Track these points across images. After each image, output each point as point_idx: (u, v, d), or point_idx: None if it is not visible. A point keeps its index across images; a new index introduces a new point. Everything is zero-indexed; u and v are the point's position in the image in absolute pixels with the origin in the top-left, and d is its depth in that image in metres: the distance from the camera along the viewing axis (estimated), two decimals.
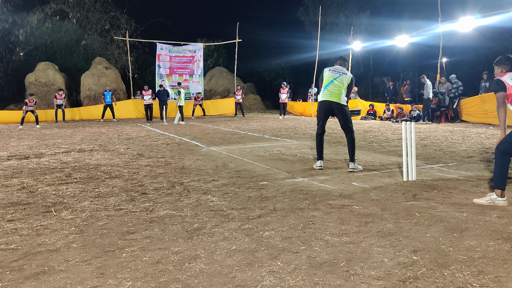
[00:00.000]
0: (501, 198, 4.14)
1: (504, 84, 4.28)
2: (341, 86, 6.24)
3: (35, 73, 23.46)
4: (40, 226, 3.67)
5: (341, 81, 6.25)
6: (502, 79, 4.31)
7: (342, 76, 6.29)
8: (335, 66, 6.49)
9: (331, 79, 6.29)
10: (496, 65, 4.57)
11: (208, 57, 32.47)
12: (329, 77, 6.32)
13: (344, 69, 6.44)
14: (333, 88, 6.24)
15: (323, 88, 6.36)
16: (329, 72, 6.37)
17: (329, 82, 6.28)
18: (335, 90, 6.24)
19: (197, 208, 4.18)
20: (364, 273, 2.61)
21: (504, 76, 4.33)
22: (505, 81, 4.29)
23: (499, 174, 4.18)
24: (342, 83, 6.24)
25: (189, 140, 10.46)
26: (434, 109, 15.65)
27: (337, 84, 6.24)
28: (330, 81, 6.29)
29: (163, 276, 2.62)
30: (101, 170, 6.42)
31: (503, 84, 4.28)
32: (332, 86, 6.26)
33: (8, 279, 2.62)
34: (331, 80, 6.29)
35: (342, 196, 4.57)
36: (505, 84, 4.28)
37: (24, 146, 9.78)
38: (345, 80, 6.27)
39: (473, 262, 2.74)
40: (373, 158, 7.18)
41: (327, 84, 6.29)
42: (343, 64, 6.56)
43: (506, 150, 4.18)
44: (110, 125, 16.49)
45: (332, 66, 6.52)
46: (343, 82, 6.26)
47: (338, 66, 6.47)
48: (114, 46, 30.97)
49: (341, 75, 6.30)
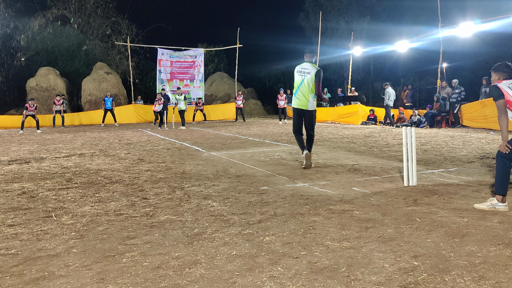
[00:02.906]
0: (502, 203, 4.14)
1: (501, 90, 4.31)
2: (307, 89, 6.35)
3: (36, 78, 23.53)
4: (41, 231, 3.67)
5: (306, 83, 6.34)
6: (499, 86, 4.33)
7: (306, 77, 6.34)
8: (302, 65, 6.50)
9: (299, 83, 6.42)
10: (494, 71, 4.59)
11: (209, 62, 32.59)
12: (297, 81, 6.45)
13: (310, 66, 6.42)
14: (300, 94, 6.41)
15: (294, 93, 6.55)
16: (297, 75, 6.47)
17: (297, 87, 6.44)
18: (302, 96, 6.41)
19: (197, 213, 4.18)
20: (364, 279, 2.60)
21: (501, 83, 4.36)
22: (502, 88, 4.32)
23: (500, 180, 4.17)
24: (307, 85, 6.33)
25: (189, 145, 10.47)
26: (435, 114, 15.67)
27: (303, 89, 6.38)
28: (298, 86, 6.44)
29: (164, 281, 2.61)
30: (102, 175, 6.43)
31: (500, 91, 4.31)
32: (299, 92, 6.42)
33: (8, 284, 2.61)
34: (298, 85, 6.43)
35: (342, 201, 4.57)
36: (502, 90, 4.31)
37: (25, 151, 9.79)
38: (310, 80, 6.32)
39: (474, 268, 2.74)
40: (374, 163, 7.18)
41: (296, 90, 6.47)
42: (311, 57, 6.58)
43: (507, 155, 4.17)
44: (110, 130, 16.51)
45: (300, 65, 6.53)
46: (308, 84, 6.34)
47: (305, 64, 6.49)
48: (115, 51, 31.08)
49: (306, 76, 6.34)
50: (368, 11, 31.35)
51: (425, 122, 15.55)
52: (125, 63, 28.72)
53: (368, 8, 31.49)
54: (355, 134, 13.29)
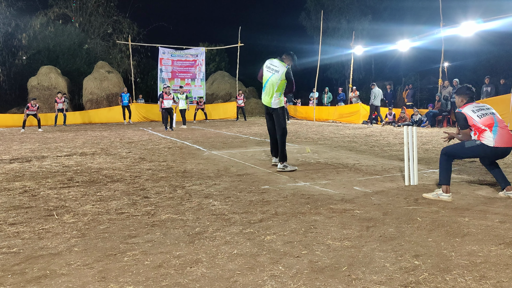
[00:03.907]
0: (446, 193, 4.50)
1: (465, 116, 4.52)
2: (272, 87, 6.25)
3: (37, 77, 23.54)
4: (42, 229, 3.67)
5: (272, 82, 6.24)
6: (462, 111, 4.55)
7: (274, 75, 6.23)
8: (272, 60, 6.37)
9: (266, 80, 6.35)
10: (456, 94, 4.81)
11: (210, 61, 32.59)
12: (264, 78, 6.38)
13: (279, 64, 6.27)
14: (266, 92, 6.36)
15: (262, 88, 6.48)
16: (265, 70, 6.37)
17: (264, 85, 6.38)
18: (266, 94, 6.35)
19: (198, 212, 4.18)
20: (365, 278, 2.60)
21: (465, 108, 4.56)
22: (466, 113, 4.53)
23: (443, 171, 4.55)
24: (273, 84, 6.24)
25: (191, 144, 10.48)
26: (436, 113, 15.66)
27: (268, 86, 6.30)
28: (265, 83, 6.37)
29: (165, 280, 2.62)
30: (103, 173, 6.43)
31: (464, 116, 4.53)
32: (265, 89, 6.36)
33: (10, 282, 2.62)
34: (265, 82, 6.36)
35: (343, 200, 4.57)
36: (466, 116, 4.52)
37: (26, 149, 9.80)
38: (277, 79, 6.21)
39: (475, 267, 2.74)
40: (375, 163, 7.18)
41: (263, 86, 6.41)
42: (285, 58, 6.39)
43: (451, 153, 4.57)
44: (112, 129, 16.51)
45: (270, 60, 6.41)
46: (274, 83, 6.24)
47: (274, 61, 6.35)
48: (117, 50, 31.10)
49: (273, 74, 6.23)
50: (369, 10, 31.32)
51: (426, 122, 15.55)
52: (126, 62, 28.72)
53: (370, 7, 31.46)
54: (356, 133, 13.28)
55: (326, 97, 23.20)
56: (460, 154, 4.63)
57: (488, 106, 4.62)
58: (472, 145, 4.46)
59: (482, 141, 4.42)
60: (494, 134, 4.37)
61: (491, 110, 4.55)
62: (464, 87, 4.72)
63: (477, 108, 4.49)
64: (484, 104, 4.64)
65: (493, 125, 4.40)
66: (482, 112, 4.46)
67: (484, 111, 4.49)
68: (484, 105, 4.62)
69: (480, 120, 4.42)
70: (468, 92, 4.63)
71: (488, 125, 4.39)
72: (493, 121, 4.42)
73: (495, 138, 4.36)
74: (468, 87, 4.69)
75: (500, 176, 4.67)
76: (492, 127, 4.39)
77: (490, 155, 4.48)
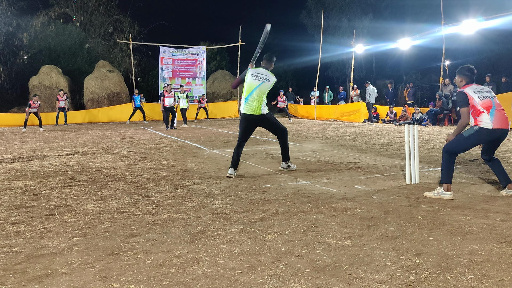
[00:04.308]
0: (447, 192, 4.51)
1: (467, 96, 4.51)
2: (262, 95, 5.99)
3: (38, 76, 23.55)
4: (43, 229, 3.68)
5: (262, 90, 5.97)
6: (465, 91, 4.54)
7: (264, 83, 5.98)
8: (258, 69, 6.09)
9: (253, 88, 5.96)
10: (457, 73, 4.77)
11: (211, 60, 32.56)
12: (251, 85, 5.98)
13: (268, 74, 6.06)
14: (253, 100, 5.96)
15: (244, 99, 6.02)
16: (251, 78, 6.00)
17: (251, 92, 5.96)
18: (255, 102, 5.97)
19: (199, 211, 4.18)
20: (367, 277, 2.60)
21: (467, 88, 4.56)
22: (468, 93, 4.52)
23: (445, 170, 4.55)
24: (263, 92, 5.99)
25: (191, 143, 10.48)
26: (437, 112, 15.64)
27: (258, 94, 5.96)
28: (252, 90, 5.96)
29: (166, 279, 2.62)
30: (104, 173, 6.44)
31: (465, 97, 4.51)
32: (252, 97, 5.96)
33: (12, 281, 2.62)
34: (252, 90, 5.96)
35: (344, 199, 4.57)
36: (467, 96, 4.51)
37: (28, 148, 9.81)
38: (267, 88, 6.01)
39: (477, 266, 2.73)
40: (376, 161, 7.17)
41: (249, 95, 5.98)
42: (268, 65, 6.18)
43: (453, 149, 4.54)
44: (113, 128, 16.52)
45: (256, 69, 6.10)
46: (264, 91, 6.00)
47: (261, 69, 6.09)
48: (117, 49, 31.09)
49: (263, 82, 5.98)
50: (370, 8, 31.28)
51: (428, 120, 15.53)
52: (127, 61, 28.72)
53: (370, 5, 31.42)
54: (357, 132, 13.27)
55: (327, 96, 23.18)
56: (462, 146, 4.57)
57: (488, 89, 4.63)
58: (471, 133, 4.46)
59: (480, 125, 4.43)
60: (491, 116, 4.41)
61: (491, 93, 4.56)
62: (466, 67, 4.68)
63: (478, 90, 4.51)
64: (484, 87, 4.64)
65: (491, 107, 4.43)
66: (482, 95, 4.48)
67: (484, 93, 4.50)
68: (484, 87, 4.63)
69: (480, 102, 4.43)
70: (468, 74, 4.62)
71: (486, 107, 4.42)
72: (492, 104, 4.45)
73: (492, 120, 4.40)
74: (470, 68, 4.66)
75: (502, 174, 4.67)
76: (490, 109, 4.42)
77: (489, 138, 4.48)
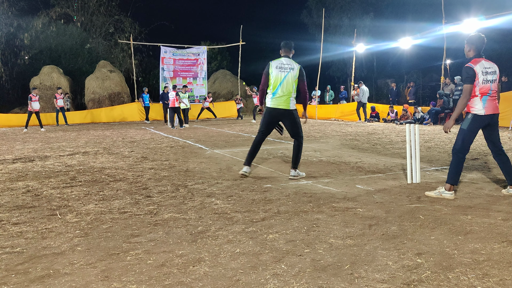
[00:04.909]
0: (448, 191, 4.49)
1: (475, 73, 4.36)
2: (290, 87, 5.67)
3: (39, 76, 23.60)
4: (45, 229, 3.69)
5: (289, 80, 5.65)
6: (474, 68, 4.38)
7: (289, 73, 5.64)
8: (281, 60, 5.73)
9: (280, 81, 5.65)
10: (467, 42, 4.59)
11: (212, 60, 32.59)
12: (277, 78, 5.66)
13: (291, 61, 5.70)
14: (282, 93, 5.67)
15: (272, 93, 5.73)
16: (276, 70, 5.67)
17: (278, 86, 5.66)
18: (284, 95, 5.67)
19: (201, 211, 4.19)
20: (368, 276, 2.60)
21: (477, 65, 4.39)
22: (476, 71, 4.37)
23: (453, 172, 4.49)
24: (291, 82, 5.66)
25: (193, 143, 10.49)
26: (439, 111, 15.63)
27: (285, 87, 5.65)
28: (279, 83, 5.66)
29: (168, 279, 2.62)
30: (106, 173, 6.45)
31: (473, 73, 4.36)
32: (281, 90, 5.66)
33: (14, 282, 2.63)
34: (279, 83, 5.65)
35: (346, 198, 4.57)
36: (475, 73, 4.36)
37: (29, 149, 9.83)
38: (294, 77, 5.65)
39: (478, 265, 2.73)
40: (377, 161, 7.17)
41: (276, 89, 5.68)
42: (288, 52, 5.79)
43: (461, 147, 4.47)
44: (114, 128, 16.53)
45: (278, 60, 5.74)
46: (292, 81, 5.66)
47: (284, 59, 5.73)
48: (118, 50, 31.13)
49: (289, 72, 5.64)
50: (371, 7, 31.27)
51: (429, 119, 15.51)
52: (128, 61, 28.77)
53: (371, 4, 31.41)
54: (358, 131, 13.27)
55: (328, 95, 23.18)
56: (468, 139, 4.45)
57: (494, 69, 4.44)
58: (468, 122, 4.43)
59: (472, 111, 4.41)
60: (483, 102, 4.39)
61: (494, 76, 4.43)
62: (476, 35, 4.52)
63: (485, 71, 4.36)
64: (491, 66, 4.44)
65: (485, 94, 4.39)
66: (486, 78, 4.37)
67: (489, 77, 4.38)
68: (491, 66, 4.43)
69: (480, 85, 4.36)
70: (477, 43, 4.45)
71: (482, 92, 4.38)
72: (489, 90, 4.40)
73: (484, 106, 4.39)
74: (480, 37, 4.48)
75: (508, 172, 4.57)
76: (484, 95, 4.39)
77: (483, 123, 4.45)
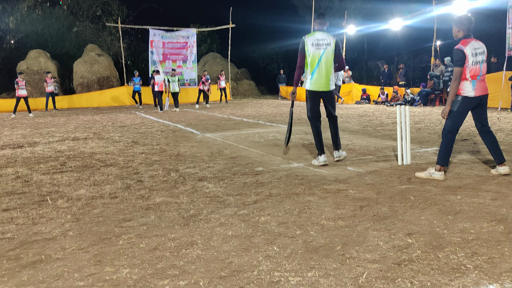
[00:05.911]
0: (438, 172, 4.53)
1: (465, 56, 4.38)
2: (330, 66, 5.27)
3: (26, 61, 23.20)
4: (36, 215, 3.66)
5: (327, 58, 5.25)
6: (464, 50, 4.39)
7: (326, 50, 5.22)
8: (315, 35, 5.25)
9: (317, 60, 5.22)
10: (454, 23, 4.58)
11: (202, 43, 32.22)
12: (314, 56, 5.23)
13: (326, 35, 5.27)
14: (321, 72, 5.26)
15: (310, 73, 5.32)
16: (313, 48, 5.22)
17: (316, 65, 5.24)
18: (324, 75, 5.27)
19: (193, 194, 4.19)
20: (359, 257, 2.63)
21: (467, 46, 4.40)
22: (466, 53, 4.38)
23: (443, 153, 4.54)
24: (328, 60, 5.26)
25: (183, 127, 10.44)
26: (429, 92, 15.68)
27: (323, 65, 5.24)
28: (317, 63, 5.23)
29: (160, 263, 2.63)
30: (96, 158, 6.40)
31: (463, 56, 4.37)
32: (320, 70, 5.25)
33: (5, 268, 2.62)
34: (317, 62, 5.22)
35: (337, 180, 4.59)
36: (465, 55, 4.38)
37: (18, 135, 9.71)
38: (331, 53, 5.26)
39: (467, 244, 2.78)
40: (368, 143, 7.20)
41: (314, 69, 5.26)
42: (322, 25, 5.34)
43: (451, 128, 4.50)
44: (103, 113, 16.39)
45: (312, 36, 5.26)
46: (331, 58, 5.27)
47: (319, 34, 5.26)
48: (106, 33, 30.58)
49: (326, 48, 5.22)
50: None
51: (419, 101, 15.58)
52: (117, 44, 28.29)
53: None
54: (349, 113, 13.29)
55: None
56: (458, 121, 4.50)
57: (482, 50, 4.47)
58: (458, 104, 4.45)
59: (463, 94, 4.43)
60: (473, 85, 4.41)
61: (483, 57, 4.46)
62: (463, 16, 4.53)
63: (474, 53, 4.39)
64: (480, 46, 4.46)
65: (475, 76, 4.41)
66: (476, 59, 4.39)
67: (478, 58, 4.41)
68: (480, 47, 4.45)
69: (470, 67, 4.38)
70: (465, 23, 4.46)
71: (472, 75, 4.40)
72: (479, 72, 4.42)
73: (474, 88, 4.41)
74: (468, 17, 4.49)
75: (495, 151, 4.62)
76: (474, 78, 4.40)
77: (473, 105, 4.48)
